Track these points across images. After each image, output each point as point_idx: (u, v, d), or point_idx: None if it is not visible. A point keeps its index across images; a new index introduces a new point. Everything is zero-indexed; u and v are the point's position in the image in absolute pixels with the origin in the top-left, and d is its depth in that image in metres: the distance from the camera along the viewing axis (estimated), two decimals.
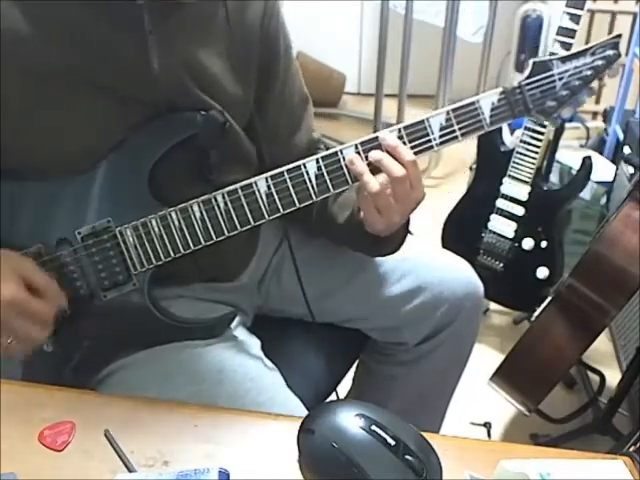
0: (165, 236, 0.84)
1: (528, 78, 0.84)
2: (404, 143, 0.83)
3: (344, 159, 0.83)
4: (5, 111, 0.78)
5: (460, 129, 0.84)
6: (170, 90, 0.83)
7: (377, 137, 0.83)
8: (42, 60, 0.77)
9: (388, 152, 0.82)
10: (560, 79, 0.84)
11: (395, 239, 0.94)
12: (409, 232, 0.96)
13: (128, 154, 0.83)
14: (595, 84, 0.86)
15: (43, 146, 0.81)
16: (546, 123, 1.60)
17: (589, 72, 0.84)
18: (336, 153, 0.83)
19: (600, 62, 0.84)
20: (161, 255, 0.84)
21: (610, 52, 0.84)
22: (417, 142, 0.84)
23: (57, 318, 0.81)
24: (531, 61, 0.84)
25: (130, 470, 0.71)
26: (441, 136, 0.84)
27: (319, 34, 3.25)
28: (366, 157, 0.83)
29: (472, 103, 0.84)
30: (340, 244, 1.04)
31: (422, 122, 0.84)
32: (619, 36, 0.85)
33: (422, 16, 2.68)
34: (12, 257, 0.79)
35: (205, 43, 0.86)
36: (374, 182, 0.81)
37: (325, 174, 0.83)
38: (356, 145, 0.83)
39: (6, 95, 0.77)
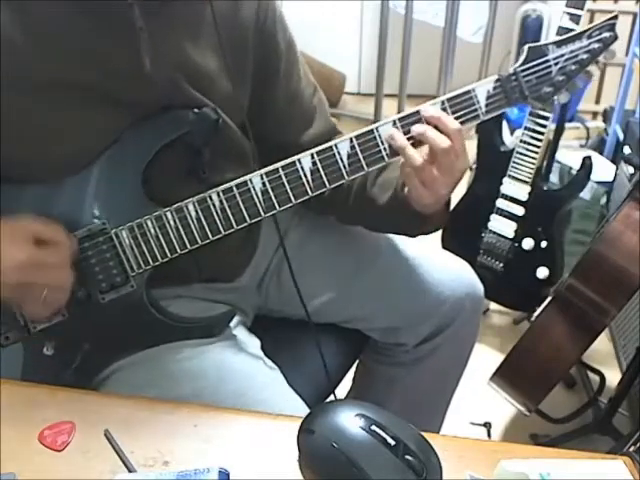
0: (161, 236, 0.83)
1: (523, 64, 0.83)
2: None
3: (339, 153, 0.83)
4: (2, 117, 0.78)
5: (456, 119, 0.83)
6: (163, 88, 0.82)
7: (418, 111, 0.82)
8: (34, 64, 0.77)
9: (431, 124, 0.81)
10: (556, 64, 0.83)
11: (438, 215, 0.92)
12: (449, 208, 0.95)
13: (121, 154, 0.83)
14: (595, 73, 0.85)
15: (36, 149, 0.81)
16: (545, 123, 1.60)
17: (585, 55, 0.83)
18: (330, 148, 0.83)
19: (596, 45, 0.83)
20: (158, 256, 0.84)
21: (606, 34, 0.83)
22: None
23: (75, 260, 0.81)
24: (526, 46, 0.83)
25: (130, 470, 0.70)
26: None
27: (319, 34, 3.24)
28: (407, 132, 0.82)
29: (467, 92, 0.84)
30: (380, 228, 1.03)
31: (417, 113, 0.83)
32: (615, 17, 0.83)
33: (422, 16, 2.69)
34: (9, 222, 0.78)
35: (197, 41, 0.85)
36: (417, 155, 0.80)
37: (320, 169, 0.83)
38: (394, 121, 0.82)
39: (2, 102, 0.77)
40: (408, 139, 0.82)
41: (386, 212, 0.94)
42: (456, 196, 1.84)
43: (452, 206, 1.81)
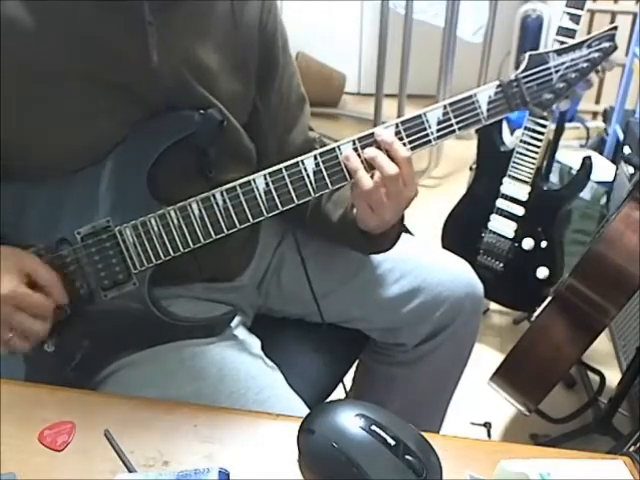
0: (164, 235, 0.84)
1: (525, 71, 0.84)
2: (401, 138, 0.83)
3: (341, 155, 0.83)
4: (4, 108, 0.78)
5: (457, 123, 0.84)
6: (169, 84, 0.82)
7: (373, 133, 0.83)
8: (42, 55, 0.77)
9: (383, 148, 0.82)
10: (557, 71, 0.84)
11: (389, 237, 0.93)
12: (404, 229, 0.96)
13: (126, 153, 0.83)
14: (594, 79, 0.86)
15: (42, 144, 0.81)
16: (545, 123, 1.60)
17: (585, 64, 0.84)
18: (334, 149, 0.83)
19: (596, 54, 0.84)
20: (161, 254, 0.84)
21: (606, 44, 0.84)
22: (414, 137, 0.84)
23: (57, 314, 0.81)
24: (527, 54, 0.84)
25: (130, 470, 0.71)
26: (438, 130, 0.84)
27: (319, 34, 3.25)
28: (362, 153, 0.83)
29: (469, 97, 0.84)
30: (334, 242, 1.04)
31: (419, 117, 0.84)
32: (615, 28, 0.85)
33: (422, 16, 2.68)
34: (14, 252, 0.79)
35: (205, 39, 0.86)
36: (367, 179, 0.82)
37: (323, 170, 0.83)
38: (354, 141, 0.83)
39: (4, 91, 0.77)
40: (364, 160, 0.83)
41: (337, 229, 0.96)
42: (456, 196, 1.84)
43: (452, 206, 1.83)
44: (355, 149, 0.83)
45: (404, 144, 0.84)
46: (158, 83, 0.82)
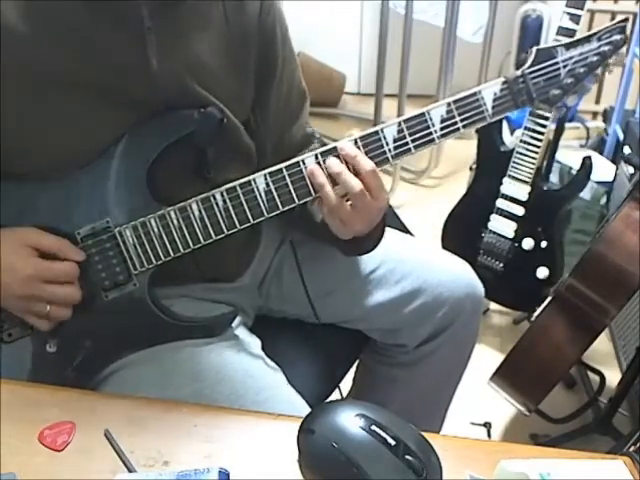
0: (164, 236, 0.84)
1: (531, 66, 0.82)
2: (404, 137, 0.83)
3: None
4: (3, 111, 0.78)
5: (462, 121, 0.83)
6: (169, 88, 0.83)
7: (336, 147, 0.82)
8: (40, 59, 0.77)
9: (347, 162, 0.81)
10: (565, 66, 0.82)
11: (371, 238, 0.92)
12: (400, 228, 0.96)
13: (126, 153, 0.83)
14: (599, 75, 0.85)
15: (41, 146, 0.81)
16: (546, 123, 1.60)
17: (595, 58, 0.82)
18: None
19: (607, 47, 0.82)
20: (161, 255, 0.84)
21: (617, 37, 0.82)
22: (418, 135, 0.83)
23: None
24: (534, 49, 0.82)
25: (130, 470, 0.71)
26: (442, 128, 0.83)
27: (319, 34, 3.24)
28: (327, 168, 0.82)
29: (474, 94, 0.83)
30: (323, 243, 1.04)
31: (423, 115, 0.82)
32: (626, 20, 0.83)
33: (422, 16, 2.68)
34: (16, 233, 0.80)
35: (204, 40, 0.86)
36: (332, 196, 0.81)
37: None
38: (316, 155, 0.82)
39: (3, 94, 0.77)
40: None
41: (321, 230, 0.94)
42: (456, 196, 1.84)
43: (452, 206, 1.83)
44: (318, 163, 0.82)
45: (406, 143, 0.83)
46: (157, 87, 0.82)
